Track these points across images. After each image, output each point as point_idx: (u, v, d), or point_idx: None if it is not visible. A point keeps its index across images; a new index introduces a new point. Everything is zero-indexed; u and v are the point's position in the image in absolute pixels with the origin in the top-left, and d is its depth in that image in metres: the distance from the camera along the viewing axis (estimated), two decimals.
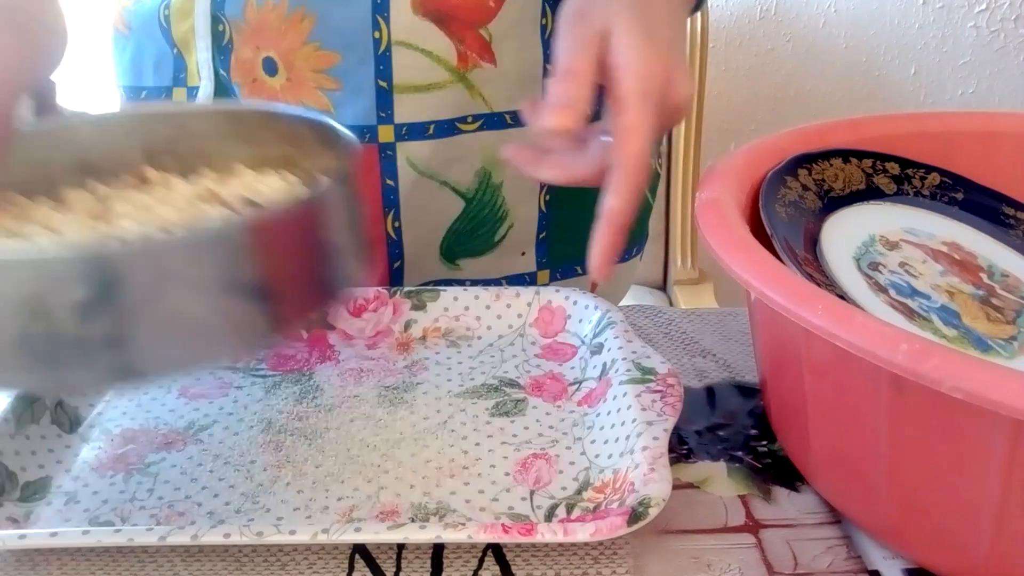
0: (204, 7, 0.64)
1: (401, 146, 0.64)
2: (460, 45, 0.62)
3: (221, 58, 0.65)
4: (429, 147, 0.65)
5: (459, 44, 0.62)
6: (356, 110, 0.63)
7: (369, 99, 0.63)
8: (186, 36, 0.66)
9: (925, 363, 0.31)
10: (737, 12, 1.51)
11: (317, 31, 0.61)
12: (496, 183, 0.67)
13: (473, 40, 0.62)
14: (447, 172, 0.66)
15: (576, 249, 0.73)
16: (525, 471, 0.46)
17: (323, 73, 0.63)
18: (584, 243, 0.74)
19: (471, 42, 0.62)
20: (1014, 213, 0.53)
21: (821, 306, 0.35)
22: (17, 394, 0.48)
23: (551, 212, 0.70)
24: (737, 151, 0.49)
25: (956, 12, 1.51)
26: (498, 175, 0.67)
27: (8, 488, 0.44)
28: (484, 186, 0.67)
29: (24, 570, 0.41)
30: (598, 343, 0.53)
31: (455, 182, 0.66)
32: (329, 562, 0.41)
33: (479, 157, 0.66)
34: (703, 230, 0.42)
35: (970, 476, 0.34)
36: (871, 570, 0.41)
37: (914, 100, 1.56)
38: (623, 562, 0.40)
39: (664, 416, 0.45)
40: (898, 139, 0.53)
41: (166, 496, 0.45)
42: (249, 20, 0.63)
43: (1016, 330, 0.44)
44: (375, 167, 0.65)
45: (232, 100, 0.64)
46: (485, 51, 0.63)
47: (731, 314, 0.61)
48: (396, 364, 0.55)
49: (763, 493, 0.45)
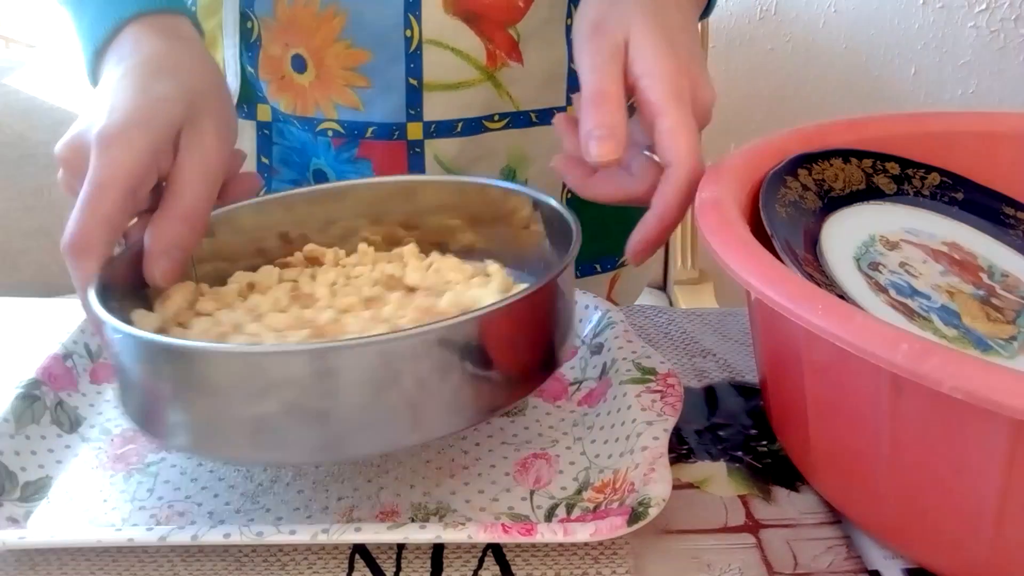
0: (233, 3, 0.64)
1: (429, 143, 0.65)
2: (490, 44, 0.63)
3: (249, 55, 0.65)
4: (456, 145, 0.65)
5: (488, 43, 0.63)
6: (385, 108, 0.64)
7: (399, 97, 0.63)
8: (213, 33, 0.66)
9: (925, 363, 0.31)
10: (737, 12, 1.51)
11: (348, 29, 0.62)
12: (521, 181, 0.68)
13: (502, 39, 0.63)
14: (473, 169, 0.66)
15: (597, 248, 0.73)
16: (525, 471, 0.46)
17: (353, 71, 0.63)
18: (604, 242, 0.74)
19: (500, 41, 0.63)
20: (1014, 213, 0.53)
21: (821, 306, 0.35)
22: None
23: (572, 210, 0.70)
24: (737, 151, 0.49)
25: (956, 12, 1.51)
26: (523, 173, 0.68)
27: (8, 488, 0.44)
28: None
29: (24, 570, 0.41)
30: (598, 343, 0.53)
31: None
32: (329, 562, 0.41)
33: (505, 155, 0.67)
34: (703, 230, 0.42)
35: (970, 476, 0.34)
36: (871, 570, 0.41)
37: (914, 100, 1.56)
38: (623, 562, 0.40)
39: (664, 416, 0.45)
40: (898, 139, 0.53)
41: (166, 496, 0.45)
42: (279, 17, 0.63)
43: (1016, 330, 0.44)
44: (403, 164, 0.65)
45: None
46: (513, 50, 0.63)
47: (731, 314, 0.61)
48: None
49: (763, 493, 0.45)
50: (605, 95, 0.45)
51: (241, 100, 0.67)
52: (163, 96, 0.46)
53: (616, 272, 0.76)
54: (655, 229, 0.46)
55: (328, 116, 0.65)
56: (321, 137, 0.65)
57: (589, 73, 0.46)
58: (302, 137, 0.67)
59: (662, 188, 0.45)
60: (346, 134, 0.65)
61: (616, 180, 0.48)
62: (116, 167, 0.43)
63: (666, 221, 0.45)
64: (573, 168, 0.49)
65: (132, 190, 0.43)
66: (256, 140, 0.68)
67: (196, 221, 0.45)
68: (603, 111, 0.45)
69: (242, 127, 0.67)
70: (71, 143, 0.45)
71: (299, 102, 0.65)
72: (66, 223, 0.43)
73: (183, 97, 0.46)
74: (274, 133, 0.68)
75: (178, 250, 0.45)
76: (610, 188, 0.48)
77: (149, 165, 0.44)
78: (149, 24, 0.50)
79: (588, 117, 0.45)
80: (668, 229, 0.46)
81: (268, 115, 0.67)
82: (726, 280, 0.55)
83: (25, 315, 0.63)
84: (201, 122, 0.46)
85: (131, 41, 0.49)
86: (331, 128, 0.65)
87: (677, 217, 0.46)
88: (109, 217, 0.42)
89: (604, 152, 0.44)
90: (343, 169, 0.66)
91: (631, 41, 0.46)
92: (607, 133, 0.44)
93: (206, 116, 0.46)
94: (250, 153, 0.68)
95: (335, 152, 0.66)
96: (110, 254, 0.43)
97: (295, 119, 0.66)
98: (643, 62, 0.46)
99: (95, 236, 0.42)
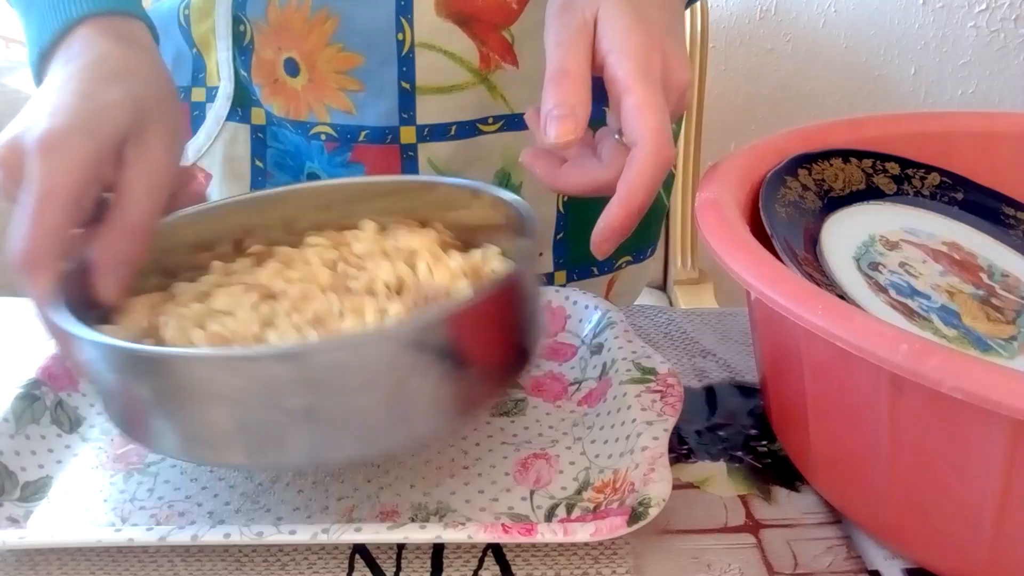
0: (225, 7, 0.64)
1: (423, 147, 0.64)
2: (483, 47, 0.62)
3: (242, 58, 0.65)
4: (450, 148, 0.64)
5: (481, 46, 0.62)
6: (378, 111, 0.63)
7: (392, 100, 0.62)
8: (206, 36, 0.65)
9: (925, 363, 0.31)
10: (737, 12, 1.51)
11: (340, 32, 0.61)
12: (515, 184, 0.67)
13: (496, 42, 0.62)
14: (467, 173, 0.65)
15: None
16: (525, 471, 0.46)
17: (345, 74, 0.62)
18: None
19: (494, 44, 0.62)
20: (1014, 213, 0.53)
21: (821, 306, 0.35)
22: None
23: (568, 213, 0.70)
24: (737, 151, 0.49)
25: (956, 12, 1.51)
26: (517, 176, 0.67)
27: (8, 488, 0.44)
28: (503, 187, 0.67)
29: (24, 570, 0.41)
30: (598, 343, 0.53)
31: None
32: (329, 562, 0.41)
33: (499, 158, 0.66)
34: (703, 230, 0.41)
35: (970, 476, 0.34)
36: (871, 570, 0.41)
37: (914, 100, 1.56)
38: (623, 562, 0.40)
39: (664, 416, 0.45)
40: (898, 139, 0.53)
41: (166, 496, 0.45)
42: (271, 20, 0.62)
43: (1016, 330, 0.44)
44: (396, 168, 0.65)
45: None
46: (507, 52, 0.63)
47: (731, 314, 0.61)
48: None
49: (763, 493, 0.45)
50: (565, 72, 0.43)
51: (235, 103, 0.66)
52: (109, 102, 0.43)
53: (614, 274, 0.76)
54: (618, 216, 0.43)
55: (321, 120, 0.64)
56: (314, 141, 0.65)
57: (553, 50, 0.44)
58: (296, 140, 0.66)
59: (626, 171, 0.42)
60: (339, 138, 0.64)
61: (584, 169, 0.45)
62: (59, 176, 0.41)
63: (630, 206, 0.42)
64: (540, 159, 0.47)
65: (76, 200, 0.41)
66: (250, 143, 0.68)
67: (142, 235, 0.43)
68: (562, 90, 0.43)
69: (236, 130, 0.67)
70: (9, 144, 0.42)
71: (292, 106, 0.65)
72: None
73: (130, 104, 0.44)
74: (268, 136, 0.68)
75: (125, 266, 0.43)
76: (577, 177, 0.46)
77: (92, 174, 0.42)
78: (101, 26, 0.48)
79: (548, 96, 0.43)
80: (633, 216, 0.43)
81: (262, 118, 0.67)
82: (726, 280, 0.54)
83: (25, 315, 0.62)
84: (148, 131, 0.44)
85: (80, 42, 0.47)
86: (324, 132, 0.64)
87: (642, 202, 0.42)
88: (57, 229, 0.41)
89: (562, 132, 0.42)
90: (337, 173, 0.66)
91: (600, 16, 0.44)
92: (566, 112, 0.42)
93: (153, 125, 0.44)
94: (244, 156, 0.68)
95: (328, 156, 0.65)
96: (55, 269, 0.41)
97: (288, 123, 0.65)
98: (611, 38, 0.43)
99: (45, 249, 0.40)
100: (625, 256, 0.75)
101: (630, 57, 0.43)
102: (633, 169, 0.42)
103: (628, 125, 0.43)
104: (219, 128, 0.67)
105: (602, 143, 0.46)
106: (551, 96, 0.43)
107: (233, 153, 0.68)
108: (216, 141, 0.68)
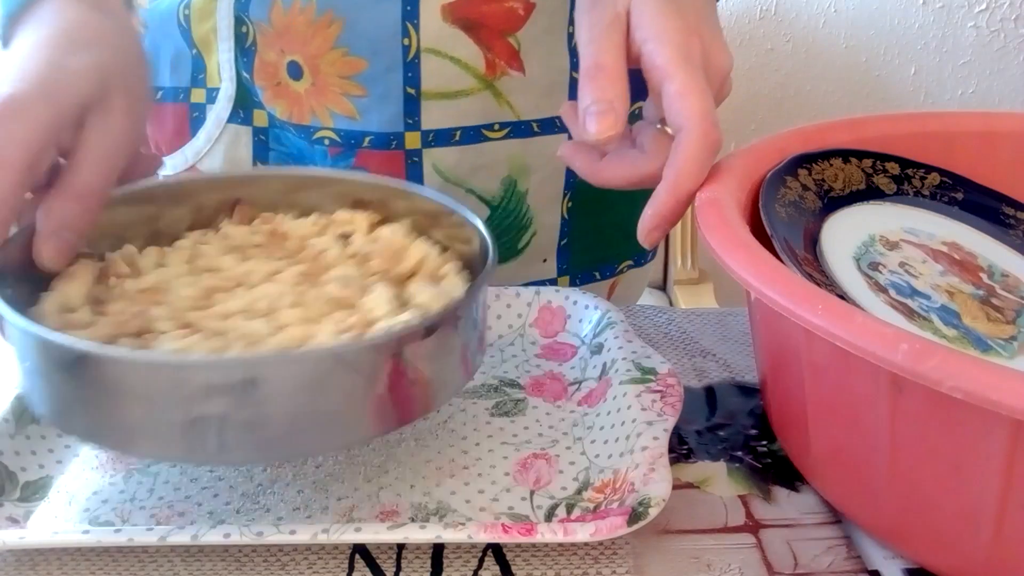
0: (227, 8, 0.63)
1: (427, 153, 0.64)
2: (488, 53, 0.62)
3: (244, 60, 0.64)
4: (455, 154, 0.64)
5: (487, 52, 0.62)
6: (382, 116, 0.63)
7: (396, 106, 0.62)
8: (207, 36, 0.65)
9: (925, 363, 0.31)
10: (737, 12, 1.51)
11: (345, 37, 0.61)
12: (522, 191, 0.67)
13: (502, 48, 0.62)
14: (473, 179, 0.65)
15: (596, 256, 0.73)
16: (525, 471, 0.46)
17: (349, 79, 0.62)
18: (603, 250, 0.73)
19: (500, 50, 0.62)
20: (1014, 213, 0.53)
21: (821, 306, 0.35)
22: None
23: (573, 219, 0.69)
24: (737, 151, 0.49)
25: (956, 12, 1.51)
26: (524, 183, 0.67)
27: (8, 488, 0.44)
28: (510, 194, 0.67)
29: (24, 570, 0.41)
30: (598, 343, 0.53)
31: (481, 189, 0.66)
32: (329, 562, 0.41)
33: (505, 165, 0.66)
34: (703, 230, 0.41)
35: (970, 476, 0.34)
36: (871, 570, 0.41)
37: (914, 100, 1.56)
38: (623, 562, 0.40)
39: (664, 416, 0.45)
40: (898, 139, 0.53)
41: (166, 496, 0.45)
42: (275, 23, 0.62)
43: (1016, 330, 0.44)
44: (401, 174, 0.64)
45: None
46: (513, 59, 0.62)
47: (731, 314, 0.61)
48: None
49: (763, 493, 0.45)
50: (600, 67, 0.42)
51: (237, 105, 0.66)
52: (74, 70, 0.43)
53: (615, 279, 0.76)
54: (667, 203, 0.42)
55: (324, 124, 0.64)
56: (318, 145, 0.65)
57: (586, 46, 0.43)
58: (299, 144, 0.66)
59: (673, 156, 0.42)
60: (342, 143, 0.64)
61: (627, 161, 0.45)
62: (15, 143, 0.40)
63: (679, 193, 0.42)
64: (580, 154, 0.47)
65: (30, 166, 0.41)
66: (252, 146, 0.67)
67: (90, 200, 0.43)
68: (599, 84, 0.42)
69: (238, 132, 0.67)
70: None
71: (295, 109, 0.64)
72: None
73: (95, 72, 0.43)
74: (271, 139, 0.67)
75: (69, 231, 0.43)
76: (621, 170, 0.45)
77: (48, 140, 0.41)
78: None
79: (585, 93, 0.42)
80: (682, 202, 0.42)
81: (265, 121, 0.66)
82: (726, 280, 0.54)
83: None
84: (111, 99, 0.44)
85: (51, 8, 0.46)
86: (327, 137, 0.64)
87: (692, 188, 0.42)
88: (5, 196, 0.40)
89: (603, 128, 0.42)
90: None
91: (633, 7, 0.43)
92: (605, 107, 0.42)
93: (117, 94, 0.44)
94: (246, 158, 0.67)
95: (332, 160, 0.65)
96: (5, 235, 0.41)
97: (291, 126, 0.65)
98: (646, 27, 0.43)
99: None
100: (626, 260, 0.75)
101: (668, 43, 0.42)
102: (680, 154, 0.42)
103: (672, 111, 0.42)
104: (220, 130, 0.67)
105: (641, 134, 0.45)
106: (588, 92, 0.42)
107: (235, 156, 0.67)
108: (217, 143, 0.67)
